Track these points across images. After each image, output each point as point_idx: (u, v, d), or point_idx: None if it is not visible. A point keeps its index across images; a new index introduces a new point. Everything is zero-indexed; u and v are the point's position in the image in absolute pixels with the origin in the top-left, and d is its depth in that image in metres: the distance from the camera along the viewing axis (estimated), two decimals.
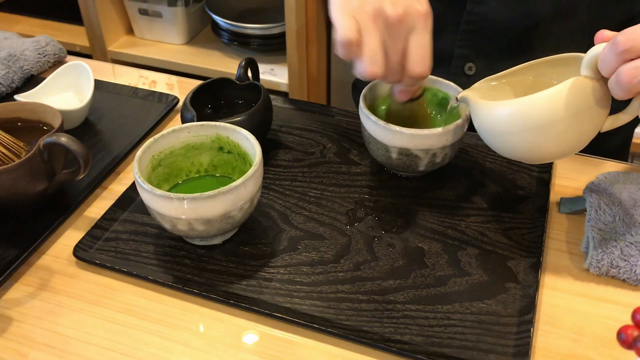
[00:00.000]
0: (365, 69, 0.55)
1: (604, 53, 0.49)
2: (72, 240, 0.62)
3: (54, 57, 0.87)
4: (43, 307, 0.57)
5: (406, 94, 0.62)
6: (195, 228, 0.57)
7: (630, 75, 0.47)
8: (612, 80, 0.49)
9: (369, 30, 0.54)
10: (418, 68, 0.56)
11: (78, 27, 1.65)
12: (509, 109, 0.54)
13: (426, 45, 0.56)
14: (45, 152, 0.60)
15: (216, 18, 1.53)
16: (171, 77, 0.89)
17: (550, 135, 0.53)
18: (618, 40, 0.47)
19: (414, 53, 0.56)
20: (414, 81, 0.59)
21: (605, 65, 0.49)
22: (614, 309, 0.56)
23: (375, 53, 0.55)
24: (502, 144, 0.56)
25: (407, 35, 0.55)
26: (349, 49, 0.55)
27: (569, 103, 0.51)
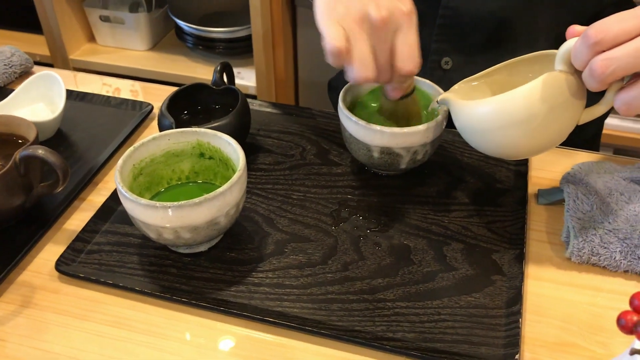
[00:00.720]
0: (357, 74, 0.56)
1: (576, 46, 0.50)
2: (53, 254, 0.61)
3: (21, 68, 0.84)
4: (28, 325, 0.55)
5: (398, 91, 0.62)
6: (182, 236, 0.56)
7: (603, 66, 0.48)
8: (586, 73, 0.50)
9: (356, 36, 0.55)
10: (407, 66, 0.57)
11: (38, 36, 1.61)
12: (488, 107, 0.55)
13: (413, 43, 0.57)
14: (22, 165, 0.59)
15: (180, 23, 1.52)
16: (135, 84, 0.88)
17: (530, 129, 0.54)
18: (589, 34, 0.48)
19: (401, 52, 0.56)
20: (404, 79, 0.60)
21: (578, 59, 0.50)
22: (597, 295, 0.57)
23: (364, 58, 0.55)
24: (485, 142, 0.57)
25: (393, 36, 0.56)
26: (339, 57, 0.55)
27: (546, 97, 0.53)
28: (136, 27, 1.54)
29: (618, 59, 0.47)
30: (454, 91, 0.62)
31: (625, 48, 0.47)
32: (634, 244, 0.58)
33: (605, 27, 0.48)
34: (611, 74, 0.48)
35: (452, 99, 0.60)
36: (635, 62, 0.47)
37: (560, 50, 0.53)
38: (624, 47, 0.47)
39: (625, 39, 0.47)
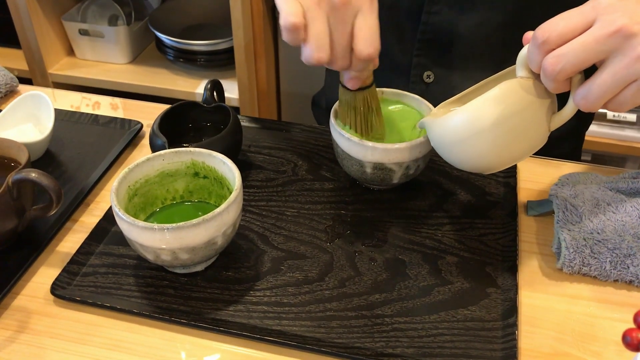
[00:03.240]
0: (311, 54, 0.55)
1: (529, 50, 0.51)
2: (47, 278, 0.60)
3: (6, 87, 0.84)
4: (25, 351, 0.55)
5: (356, 80, 0.61)
6: (179, 257, 0.56)
7: (553, 64, 0.49)
8: (542, 75, 0.51)
9: (313, 14, 0.54)
10: (366, 49, 0.55)
11: (16, 50, 1.59)
12: (455, 118, 0.56)
13: (373, 27, 0.55)
14: (15, 189, 0.58)
15: (160, 35, 1.51)
16: (116, 100, 0.87)
17: (497, 137, 0.54)
18: (537, 34, 0.49)
19: (361, 35, 0.55)
20: (363, 64, 0.58)
21: (532, 61, 0.51)
22: (589, 305, 0.59)
23: (320, 38, 0.54)
24: (457, 154, 0.57)
25: (353, 19, 0.55)
26: (294, 34, 0.54)
27: (508, 103, 0.53)
28: (116, 41, 1.53)
29: (565, 55, 0.48)
30: (434, 115, 0.62)
31: (572, 44, 0.48)
32: (623, 253, 0.60)
33: (551, 26, 0.49)
34: (561, 70, 0.49)
35: (427, 121, 0.60)
36: (583, 57, 0.48)
37: (519, 56, 0.54)
38: (571, 43, 0.48)
39: (571, 35, 0.48)
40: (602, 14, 0.47)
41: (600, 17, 0.47)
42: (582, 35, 0.48)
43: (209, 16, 1.61)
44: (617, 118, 1.45)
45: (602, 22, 0.47)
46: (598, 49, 0.47)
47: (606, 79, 0.48)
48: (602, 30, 0.47)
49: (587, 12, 0.48)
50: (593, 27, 0.47)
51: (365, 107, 0.64)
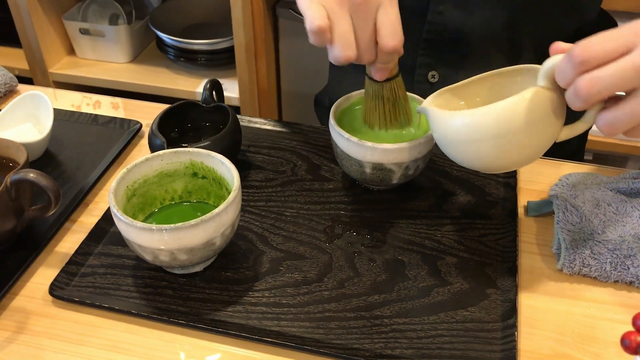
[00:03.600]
0: (339, 53, 0.56)
1: (561, 65, 0.50)
2: (46, 278, 0.60)
3: (5, 87, 0.84)
4: (23, 352, 0.54)
5: (383, 72, 0.62)
6: (178, 258, 0.56)
7: (588, 86, 0.48)
8: (570, 92, 0.50)
9: (337, 15, 0.55)
10: (391, 42, 0.56)
11: (17, 49, 1.59)
12: (469, 119, 0.55)
13: (395, 20, 0.56)
14: (13, 189, 0.58)
15: (161, 35, 1.51)
16: (117, 100, 0.87)
17: (508, 144, 0.54)
18: (575, 53, 0.48)
19: (384, 28, 0.56)
20: (389, 57, 0.59)
21: (562, 77, 0.50)
22: (589, 306, 0.58)
23: (346, 37, 0.55)
24: (462, 153, 0.57)
25: (375, 13, 0.56)
26: (321, 36, 0.55)
27: (527, 113, 0.52)
28: (116, 40, 1.53)
29: (603, 79, 0.47)
30: (433, 100, 0.61)
31: (610, 68, 0.47)
32: (623, 254, 0.60)
33: (591, 46, 0.47)
34: (596, 94, 0.48)
35: (430, 108, 0.58)
36: (620, 82, 0.47)
37: (544, 66, 0.53)
38: (609, 67, 0.47)
39: (610, 58, 0.47)
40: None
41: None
42: (621, 61, 0.46)
43: (210, 15, 1.61)
44: None
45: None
46: (635, 78, 0.46)
47: (635, 109, 0.48)
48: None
49: (627, 37, 0.46)
50: (633, 54, 0.46)
51: (393, 96, 0.65)
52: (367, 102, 0.66)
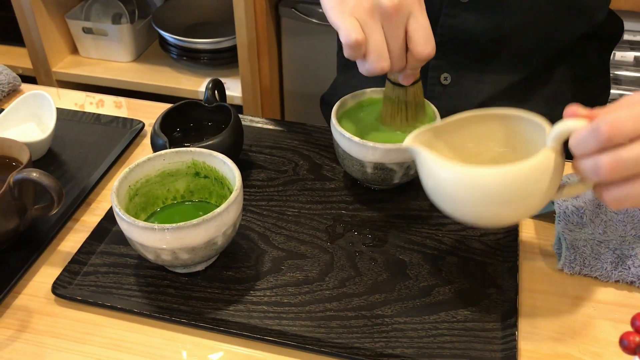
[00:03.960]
0: (374, 66, 0.56)
1: (583, 136, 0.47)
2: (48, 277, 0.60)
3: (9, 87, 0.84)
4: (26, 350, 0.55)
5: (411, 77, 0.62)
6: (180, 257, 0.56)
7: (612, 168, 0.46)
8: (589, 167, 0.47)
9: (370, 27, 0.55)
10: (425, 49, 0.57)
11: (20, 48, 1.60)
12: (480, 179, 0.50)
13: (427, 26, 0.57)
14: (16, 188, 0.58)
15: (164, 34, 1.52)
16: (121, 100, 0.87)
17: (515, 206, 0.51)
18: (602, 129, 0.45)
19: (417, 36, 0.56)
20: (420, 63, 0.59)
21: (582, 148, 0.47)
22: (590, 306, 0.59)
23: (380, 48, 0.55)
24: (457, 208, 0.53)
25: (405, 22, 0.56)
26: (357, 50, 0.55)
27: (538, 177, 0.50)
28: (119, 39, 1.54)
29: (627, 162, 0.45)
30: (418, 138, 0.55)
31: (634, 150, 0.45)
32: (624, 254, 0.60)
33: (619, 124, 0.45)
34: (617, 175, 0.46)
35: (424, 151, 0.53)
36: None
37: (557, 129, 0.50)
38: (635, 148, 0.45)
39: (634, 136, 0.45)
40: None
41: None
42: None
43: (213, 14, 1.61)
44: None
45: None
46: None
47: None
48: None
49: None
50: None
51: (415, 100, 0.65)
52: (388, 106, 0.66)
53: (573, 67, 0.80)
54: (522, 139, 0.56)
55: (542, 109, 0.81)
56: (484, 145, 0.58)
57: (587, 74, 0.83)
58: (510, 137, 0.57)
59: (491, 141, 0.58)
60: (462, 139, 0.58)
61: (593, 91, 0.85)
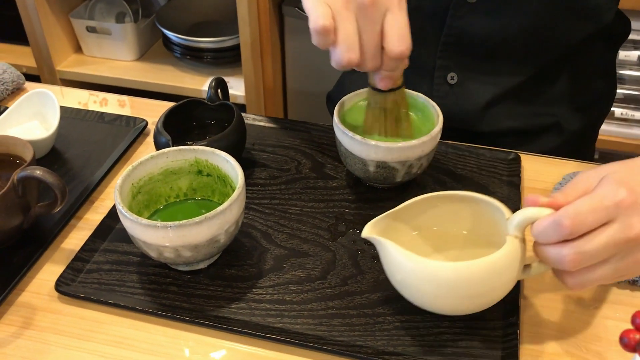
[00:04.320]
0: (342, 56, 0.55)
1: (546, 228, 0.49)
2: (51, 274, 0.61)
3: (13, 85, 0.84)
4: (29, 347, 0.55)
5: (387, 80, 0.60)
6: (182, 255, 0.56)
7: (574, 260, 0.48)
8: (554, 257, 0.49)
9: (342, 16, 0.54)
10: (398, 47, 0.55)
11: (24, 47, 1.60)
12: (445, 272, 0.51)
13: (404, 25, 0.55)
14: (20, 186, 0.59)
15: (167, 33, 1.52)
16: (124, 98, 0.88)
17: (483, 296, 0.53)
18: (564, 223, 0.47)
19: (391, 33, 0.55)
20: (394, 63, 0.58)
21: (544, 238, 0.49)
22: (591, 305, 0.59)
23: (350, 39, 0.54)
24: (425, 299, 0.54)
25: (382, 18, 0.54)
26: (324, 37, 0.54)
27: (504, 268, 0.52)
28: (123, 38, 1.54)
29: (588, 254, 0.48)
30: (376, 225, 0.55)
31: (594, 243, 0.47)
32: None
33: (581, 218, 0.47)
34: (580, 266, 0.49)
35: (387, 242, 0.53)
36: (601, 256, 0.48)
37: (518, 217, 0.52)
38: (594, 241, 0.47)
39: (594, 228, 0.48)
40: (623, 214, 0.47)
41: (622, 218, 0.47)
42: (604, 236, 0.47)
43: (216, 13, 1.61)
44: (625, 116, 1.44)
45: (622, 225, 0.47)
46: (614, 251, 0.48)
47: (606, 273, 0.49)
48: (622, 234, 0.47)
49: (611, 210, 0.47)
50: (614, 229, 0.47)
51: (396, 109, 0.64)
52: (367, 112, 0.66)
53: (579, 67, 0.81)
54: (484, 220, 0.58)
55: (548, 109, 0.82)
56: (450, 227, 0.60)
57: (594, 74, 0.83)
58: (475, 218, 0.59)
59: (456, 222, 0.59)
60: (427, 220, 0.59)
61: (599, 91, 0.85)
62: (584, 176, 0.52)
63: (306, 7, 0.56)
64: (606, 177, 0.49)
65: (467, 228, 0.60)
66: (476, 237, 0.59)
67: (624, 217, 0.47)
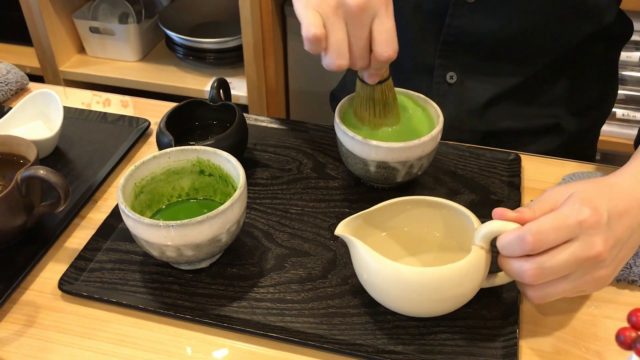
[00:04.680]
0: (332, 62, 0.57)
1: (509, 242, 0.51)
2: (55, 273, 0.61)
3: (16, 85, 0.85)
4: (32, 345, 0.56)
5: (375, 76, 0.63)
6: (184, 254, 0.57)
7: (535, 275, 0.50)
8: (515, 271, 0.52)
9: (332, 24, 0.56)
10: (386, 52, 0.58)
11: (28, 48, 1.61)
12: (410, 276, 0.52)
13: (390, 30, 0.58)
14: (23, 185, 0.59)
15: (170, 33, 1.53)
16: (127, 98, 0.88)
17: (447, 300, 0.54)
18: (527, 240, 0.49)
19: (379, 38, 0.57)
20: (382, 65, 0.60)
21: (508, 252, 0.51)
22: (591, 304, 0.59)
23: (340, 45, 0.57)
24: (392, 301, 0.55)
25: (370, 22, 0.57)
26: (316, 44, 0.56)
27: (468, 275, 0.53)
28: (126, 38, 1.55)
29: (548, 270, 0.50)
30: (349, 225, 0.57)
31: (555, 259, 0.49)
32: None
33: (543, 236, 0.49)
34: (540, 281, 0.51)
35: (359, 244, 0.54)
36: (561, 272, 0.50)
37: (485, 229, 0.53)
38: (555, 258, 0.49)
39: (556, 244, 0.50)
40: (585, 233, 0.49)
41: (583, 237, 0.49)
42: (565, 254, 0.49)
43: (219, 14, 1.62)
44: (627, 117, 1.44)
45: (584, 244, 0.49)
46: (575, 268, 0.50)
47: (566, 288, 0.52)
48: (582, 253, 0.49)
49: (573, 228, 0.49)
50: (575, 247, 0.49)
51: (384, 98, 0.67)
52: (357, 101, 0.68)
53: (580, 68, 0.81)
54: (455, 226, 0.59)
55: (548, 110, 0.82)
56: (423, 230, 0.61)
57: (594, 75, 0.83)
58: (447, 223, 0.60)
59: (429, 226, 0.61)
60: (401, 222, 0.61)
61: (600, 92, 0.85)
62: (553, 192, 0.53)
63: (298, 14, 0.58)
64: (572, 195, 0.51)
65: (440, 232, 0.61)
66: (448, 242, 0.61)
67: (586, 236, 0.49)
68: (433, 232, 0.61)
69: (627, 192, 0.53)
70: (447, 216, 0.59)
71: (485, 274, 0.55)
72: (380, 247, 0.56)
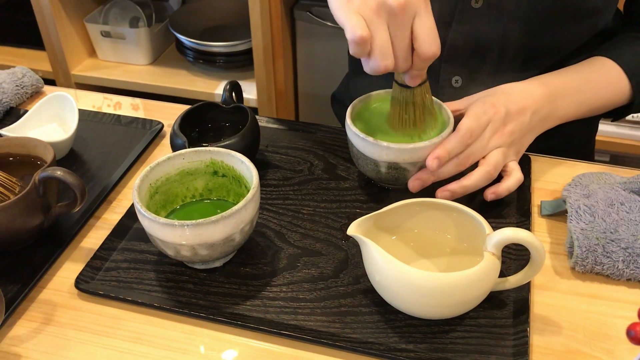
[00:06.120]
0: (378, 64, 0.57)
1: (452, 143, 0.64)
2: (71, 272, 0.62)
3: (32, 89, 0.86)
4: (50, 342, 0.57)
5: (417, 78, 0.63)
6: (199, 253, 0.58)
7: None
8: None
9: (375, 25, 0.56)
10: (430, 49, 0.58)
11: (39, 52, 1.63)
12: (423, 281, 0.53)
13: (432, 26, 0.58)
14: (41, 186, 0.60)
15: (180, 37, 1.54)
16: (138, 101, 0.89)
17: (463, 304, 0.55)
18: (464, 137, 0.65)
19: (423, 36, 0.57)
20: (425, 64, 0.60)
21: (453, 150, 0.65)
22: (602, 303, 0.59)
23: (384, 47, 0.57)
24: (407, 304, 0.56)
25: (411, 22, 0.57)
26: (362, 47, 0.56)
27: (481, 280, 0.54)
28: (137, 42, 1.56)
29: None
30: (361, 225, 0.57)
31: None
32: (636, 252, 0.60)
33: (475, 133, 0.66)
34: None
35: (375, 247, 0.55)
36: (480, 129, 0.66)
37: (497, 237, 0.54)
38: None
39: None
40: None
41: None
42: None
43: (228, 18, 1.63)
44: (637, 119, 1.44)
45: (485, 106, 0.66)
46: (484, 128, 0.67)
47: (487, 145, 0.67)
48: (486, 115, 0.66)
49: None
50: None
51: (423, 101, 0.66)
52: (395, 108, 0.67)
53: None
54: (467, 229, 0.60)
55: None
56: (435, 233, 0.62)
57: None
58: (459, 227, 0.61)
59: (441, 228, 0.62)
60: (410, 224, 0.62)
61: None
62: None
63: (339, 19, 0.58)
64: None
65: (451, 234, 0.62)
66: (459, 245, 0.62)
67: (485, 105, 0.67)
68: (444, 234, 0.62)
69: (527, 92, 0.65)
70: (457, 219, 0.60)
71: (495, 280, 0.56)
72: (392, 249, 0.57)
